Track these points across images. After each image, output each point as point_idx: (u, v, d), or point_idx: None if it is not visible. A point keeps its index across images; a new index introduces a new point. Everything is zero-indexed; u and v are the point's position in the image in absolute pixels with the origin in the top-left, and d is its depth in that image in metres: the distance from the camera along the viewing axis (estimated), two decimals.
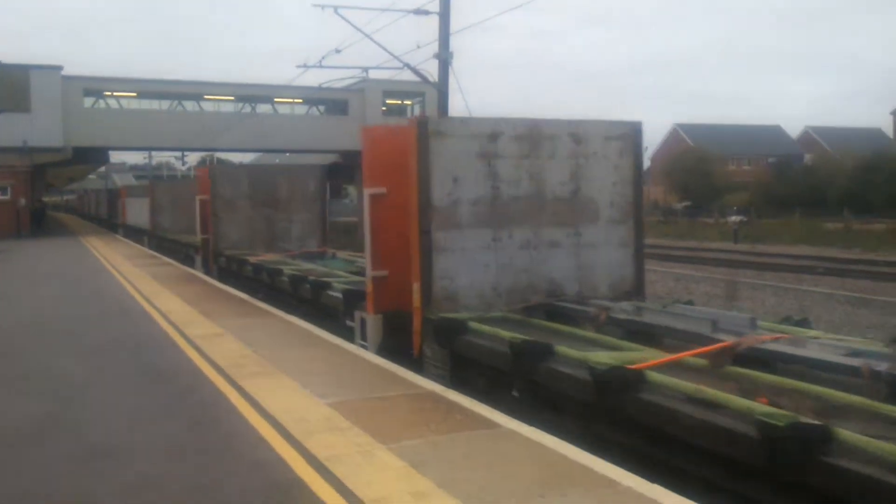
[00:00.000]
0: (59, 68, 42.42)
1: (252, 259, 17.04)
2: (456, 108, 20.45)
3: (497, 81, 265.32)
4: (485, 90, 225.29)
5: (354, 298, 10.53)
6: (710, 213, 61.40)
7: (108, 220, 57.26)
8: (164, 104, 47.23)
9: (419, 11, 22.79)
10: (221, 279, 18.37)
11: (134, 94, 46.29)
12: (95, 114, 44.45)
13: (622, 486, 4.78)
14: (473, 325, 8.09)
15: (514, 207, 9.02)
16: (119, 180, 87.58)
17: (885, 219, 47.12)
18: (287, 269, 14.54)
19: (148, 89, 46.38)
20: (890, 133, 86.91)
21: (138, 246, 32.67)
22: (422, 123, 8.74)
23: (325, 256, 17.56)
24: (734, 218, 50.21)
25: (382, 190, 9.46)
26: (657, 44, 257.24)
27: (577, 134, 9.24)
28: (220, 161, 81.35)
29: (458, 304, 8.69)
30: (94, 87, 44.82)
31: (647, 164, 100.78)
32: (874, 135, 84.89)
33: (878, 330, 13.89)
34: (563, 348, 6.72)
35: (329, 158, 48.35)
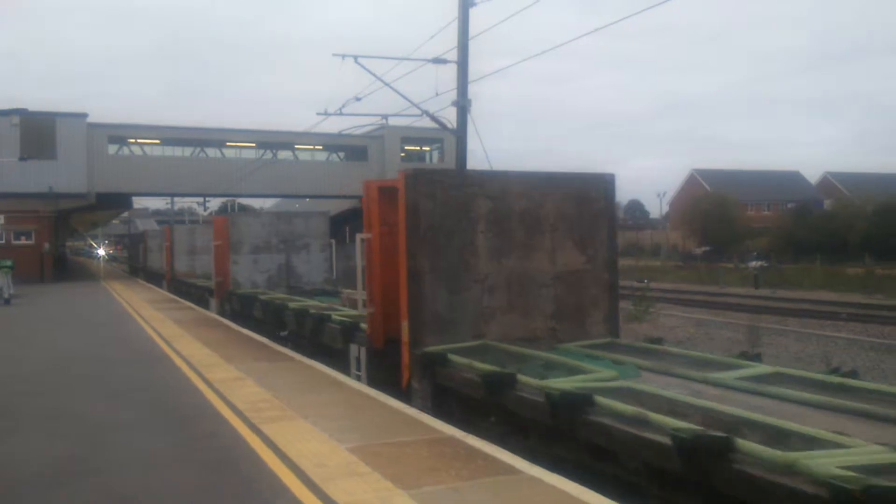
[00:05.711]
0: (85, 116, 43.20)
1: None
2: (474, 154, 20.55)
3: (515, 127, 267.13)
4: (502, 136, 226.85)
5: None
6: (729, 259, 61.02)
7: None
8: (187, 151, 47.93)
9: (438, 60, 23.08)
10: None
11: (157, 141, 47.04)
12: (119, 160, 45.19)
13: None
14: None
15: None
16: (141, 225, 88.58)
17: None
18: None
19: (171, 136, 47.14)
20: None
21: (159, 290, 32.89)
22: None
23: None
24: (754, 263, 49.89)
25: None
26: (673, 88, 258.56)
27: None
28: (241, 207, 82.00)
29: None
30: (119, 133, 45.60)
31: (664, 208, 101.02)
32: (894, 180, 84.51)
33: None
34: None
35: (346, 204, 48.71)
